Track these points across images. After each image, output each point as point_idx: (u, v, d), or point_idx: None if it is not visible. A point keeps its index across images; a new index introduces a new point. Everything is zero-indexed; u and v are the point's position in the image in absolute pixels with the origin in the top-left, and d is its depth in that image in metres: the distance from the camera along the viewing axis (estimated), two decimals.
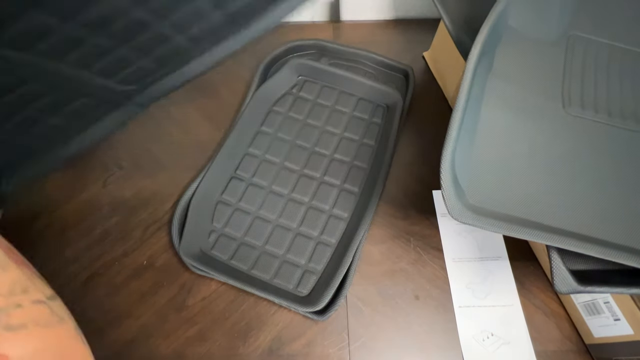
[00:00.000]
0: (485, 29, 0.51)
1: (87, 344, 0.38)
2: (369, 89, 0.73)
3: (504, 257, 0.61)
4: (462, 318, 0.56)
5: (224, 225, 0.61)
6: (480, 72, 0.50)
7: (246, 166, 0.67)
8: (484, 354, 0.53)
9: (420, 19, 0.89)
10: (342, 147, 0.69)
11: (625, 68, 0.57)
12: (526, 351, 0.54)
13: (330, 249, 0.60)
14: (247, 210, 0.63)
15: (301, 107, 0.73)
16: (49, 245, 0.60)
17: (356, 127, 0.71)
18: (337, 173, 0.66)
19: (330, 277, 0.55)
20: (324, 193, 0.64)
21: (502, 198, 0.46)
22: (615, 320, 0.49)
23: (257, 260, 0.59)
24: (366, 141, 0.69)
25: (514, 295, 0.58)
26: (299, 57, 0.77)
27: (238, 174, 0.66)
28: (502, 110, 0.52)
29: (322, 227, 0.61)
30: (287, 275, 0.58)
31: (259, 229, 0.61)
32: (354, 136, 0.70)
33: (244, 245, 0.60)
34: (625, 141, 0.51)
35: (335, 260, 0.58)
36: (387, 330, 0.55)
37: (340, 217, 0.62)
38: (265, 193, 0.64)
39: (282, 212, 0.63)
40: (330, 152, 0.68)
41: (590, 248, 0.41)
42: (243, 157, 0.67)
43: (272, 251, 0.60)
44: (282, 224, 0.62)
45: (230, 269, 0.58)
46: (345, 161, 0.67)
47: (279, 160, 0.67)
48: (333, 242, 0.60)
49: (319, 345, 0.54)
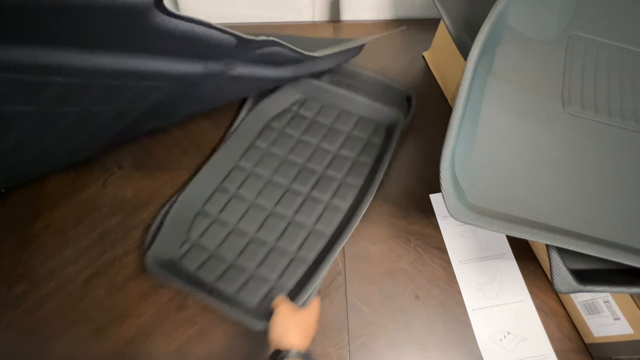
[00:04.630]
0: (485, 28, 0.51)
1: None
2: (370, 109, 0.72)
3: (509, 254, 0.61)
4: (477, 320, 0.56)
5: (199, 236, 0.60)
6: (480, 72, 0.50)
7: (233, 179, 0.66)
8: (503, 354, 0.53)
9: (420, 19, 0.89)
10: (336, 164, 0.67)
11: (625, 68, 0.57)
12: (543, 344, 0.54)
13: (304, 265, 0.58)
14: (226, 223, 0.61)
15: (298, 124, 0.72)
16: (49, 245, 0.60)
17: (353, 145, 0.69)
18: (326, 189, 0.64)
19: (296, 294, 0.54)
20: (308, 208, 0.63)
21: (502, 197, 0.46)
22: (615, 319, 0.49)
23: (224, 273, 0.57)
24: (362, 159, 0.68)
25: (524, 291, 0.58)
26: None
27: (224, 186, 0.65)
28: (502, 109, 0.52)
29: (301, 242, 0.60)
30: (253, 290, 0.56)
31: (233, 242, 0.60)
32: (350, 154, 0.68)
33: (215, 257, 0.59)
34: (625, 141, 0.51)
35: (306, 277, 0.56)
36: (387, 329, 0.55)
37: (322, 234, 0.60)
38: (247, 206, 0.63)
39: (261, 225, 0.61)
40: (321, 168, 0.67)
41: (590, 247, 0.41)
42: (231, 169, 0.66)
43: (242, 265, 0.58)
44: (259, 238, 0.60)
45: (194, 279, 0.56)
46: (336, 177, 0.66)
47: (267, 174, 0.66)
48: (310, 258, 0.58)
49: (318, 344, 0.54)
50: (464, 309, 0.56)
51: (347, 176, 0.66)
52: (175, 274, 0.55)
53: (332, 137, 0.70)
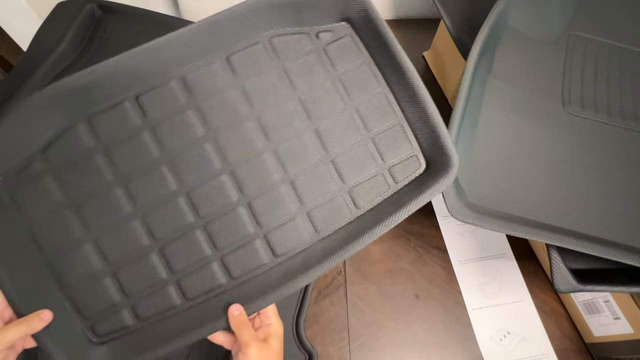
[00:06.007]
0: (485, 28, 0.51)
1: None
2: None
3: (509, 254, 0.61)
4: (477, 320, 0.56)
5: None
6: (480, 72, 0.50)
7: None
8: (503, 354, 0.53)
9: (420, 19, 0.89)
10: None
11: (625, 68, 0.57)
12: (543, 344, 0.54)
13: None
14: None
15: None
16: None
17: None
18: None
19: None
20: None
21: (502, 197, 0.46)
22: (615, 319, 0.49)
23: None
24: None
25: (524, 291, 0.58)
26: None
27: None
28: (502, 109, 0.52)
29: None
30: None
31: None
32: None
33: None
34: (625, 141, 0.51)
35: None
36: (387, 329, 0.55)
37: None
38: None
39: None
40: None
41: (590, 247, 0.41)
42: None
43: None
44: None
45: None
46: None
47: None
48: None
49: (319, 344, 0.54)
50: (464, 309, 0.57)
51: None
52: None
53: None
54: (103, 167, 0.41)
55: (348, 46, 0.46)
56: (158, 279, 0.41)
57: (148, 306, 0.41)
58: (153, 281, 0.41)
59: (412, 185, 0.44)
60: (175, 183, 0.42)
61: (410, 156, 0.45)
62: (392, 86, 0.45)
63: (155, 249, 0.41)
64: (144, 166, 0.41)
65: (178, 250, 0.41)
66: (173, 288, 0.41)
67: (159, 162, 0.41)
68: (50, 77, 0.64)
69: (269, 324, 0.40)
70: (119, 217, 0.41)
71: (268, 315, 0.40)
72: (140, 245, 0.41)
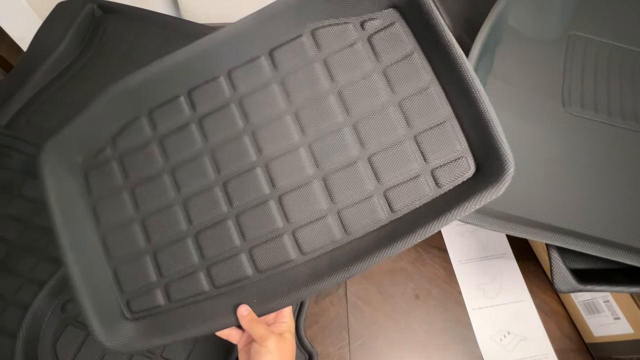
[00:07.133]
0: (485, 28, 0.51)
1: None
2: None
3: (509, 253, 0.61)
4: (477, 320, 0.56)
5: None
6: (480, 71, 0.50)
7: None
8: (503, 354, 0.53)
9: None
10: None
11: (625, 68, 0.57)
12: (543, 344, 0.54)
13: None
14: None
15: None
16: None
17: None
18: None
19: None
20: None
21: (502, 197, 0.46)
22: (615, 319, 0.49)
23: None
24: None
25: (524, 290, 0.58)
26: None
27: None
28: (502, 109, 0.52)
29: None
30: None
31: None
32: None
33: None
34: (625, 141, 0.51)
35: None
36: (387, 329, 0.55)
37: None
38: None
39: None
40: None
41: (590, 247, 0.41)
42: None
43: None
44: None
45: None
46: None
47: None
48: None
49: (319, 344, 0.54)
50: (464, 309, 0.57)
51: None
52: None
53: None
54: (156, 156, 0.45)
55: (394, 35, 0.42)
56: (191, 263, 0.43)
57: (180, 288, 0.43)
58: (186, 265, 0.43)
59: (456, 190, 0.39)
60: (214, 173, 0.44)
61: (457, 158, 0.39)
62: (441, 79, 0.40)
63: (191, 235, 0.44)
64: (189, 156, 0.44)
65: (210, 238, 0.43)
66: (203, 274, 0.43)
67: (202, 152, 0.44)
68: (51, 77, 0.65)
69: (284, 322, 0.41)
70: (165, 202, 0.44)
71: (284, 314, 0.42)
72: (179, 230, 0.44)
